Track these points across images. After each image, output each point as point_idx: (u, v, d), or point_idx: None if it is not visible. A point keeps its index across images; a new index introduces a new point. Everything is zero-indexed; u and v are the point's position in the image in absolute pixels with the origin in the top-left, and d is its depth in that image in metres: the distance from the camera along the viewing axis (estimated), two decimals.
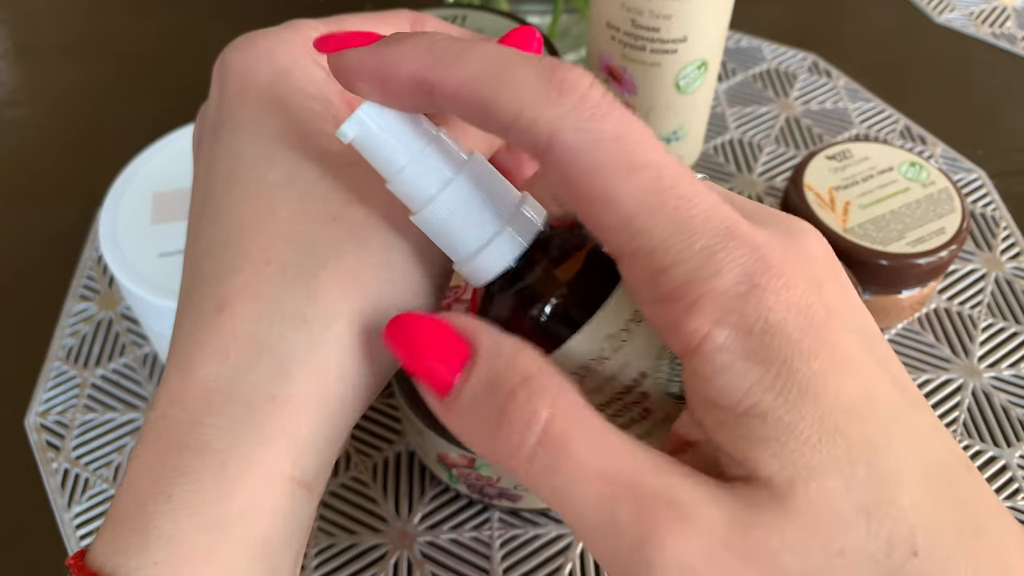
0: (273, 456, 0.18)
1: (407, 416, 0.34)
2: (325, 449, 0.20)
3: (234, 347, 0.19)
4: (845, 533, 0.15)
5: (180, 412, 0.19)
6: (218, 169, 0.21)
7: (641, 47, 0.37)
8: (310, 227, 0.20)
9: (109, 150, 0.46)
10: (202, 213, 0.21)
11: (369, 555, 0.35)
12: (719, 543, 0.15)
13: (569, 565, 0.35)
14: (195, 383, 0.19)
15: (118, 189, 0.38)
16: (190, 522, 0.18)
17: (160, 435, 0.19)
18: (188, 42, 0.60)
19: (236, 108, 0.21)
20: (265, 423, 0.18)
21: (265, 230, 0.20)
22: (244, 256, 0.20)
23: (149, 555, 0.17)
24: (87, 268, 0.46)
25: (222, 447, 0.18)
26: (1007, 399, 0.41)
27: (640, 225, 0.16)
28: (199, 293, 0.20)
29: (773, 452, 0.15)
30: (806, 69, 0.57)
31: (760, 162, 0.51)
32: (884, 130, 0.53)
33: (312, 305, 0.19)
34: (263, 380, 0.19)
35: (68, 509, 0.37)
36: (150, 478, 0.18)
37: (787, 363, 0.15)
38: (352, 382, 0.20)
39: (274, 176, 0.20)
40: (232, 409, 0.18)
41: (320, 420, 0.19)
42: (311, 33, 0.22)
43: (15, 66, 0.59)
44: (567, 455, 0.16)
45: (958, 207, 0.40)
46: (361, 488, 0.37)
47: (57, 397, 0.41)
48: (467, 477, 0.34)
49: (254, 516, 0.18)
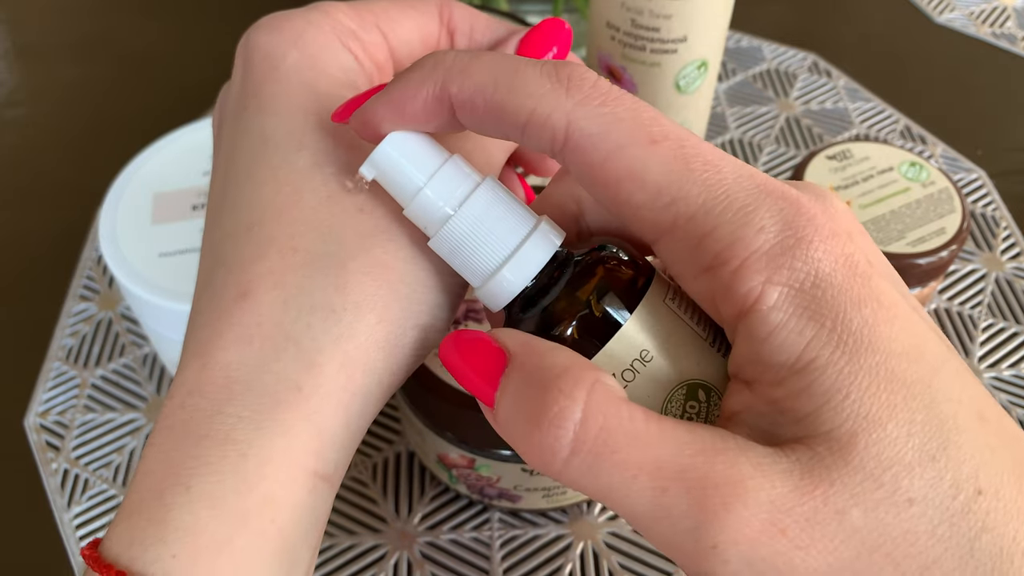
0: (296, 448, 0.18)
1: (407, 417, 0.34)
2: (347, 443, 0.19)
3: (258, 335, 0.18)
4: (912, 480, 0.15)
5: (200, 400, 0.18)
6: (241, 152, 0.20)
7: (641, 47, 0.37)
8: (338, 216, 0.19)
9: (109, 150, 0.46)
10: (223, 196, 0.20)
11: (369, 555, 0.35)
12: (781, 511, 0.15)
13: (569, 565, 0.35)
14: (216, 371, 0.18)
15: (118, 189, 0.38)
16: (209, 514, 0.17)
17: (178, 424, 0.18)
18: (189, 42, 0.60)
19: (262, 90, 0.21)
20: (288, 414, 0.18)
21: (291, 216, 0.19)
22: (269, 242, 0.19)
23: (167, 547, 0.17)
24: (87, 268, 0.46)
25: (243, 437, 0.18)
26: (1007, 399, 0.41)
27: (674, 194, 0.16)
28: (220, 279, 0.19)
29: (834, 405, 0.15)
30: (806, 69, 0.57)
31: (760, 162, 0.51)
32: (884, 130, 0.53)
33: (341, 295, 0.19)
34: (288, 370, 0.18)
35: (68, 509, 0.37)
36: (168, 468, 0.18)
37: (841, 314, 0.15)
38: (378, 376, 0.19)
39: (301, 161, 0.20)
40: (254, 398, 0.18)
41: (344, 413, 0.19)
42: (339, 16, 0.22)
43: (15, 66, 0.59)
44: (608, 453, 0.15)
45: (958, 207, 0.40)
46: (361, 488, 0.37)
47: (57, 397, 0.41)
48: (467, 477, 0.34)
49: (274, 509, 0.18)
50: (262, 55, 0.21)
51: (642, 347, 0.18)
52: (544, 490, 0.34)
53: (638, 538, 0.36)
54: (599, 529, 0.36)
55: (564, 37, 0.23)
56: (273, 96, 0.20)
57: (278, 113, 0.20)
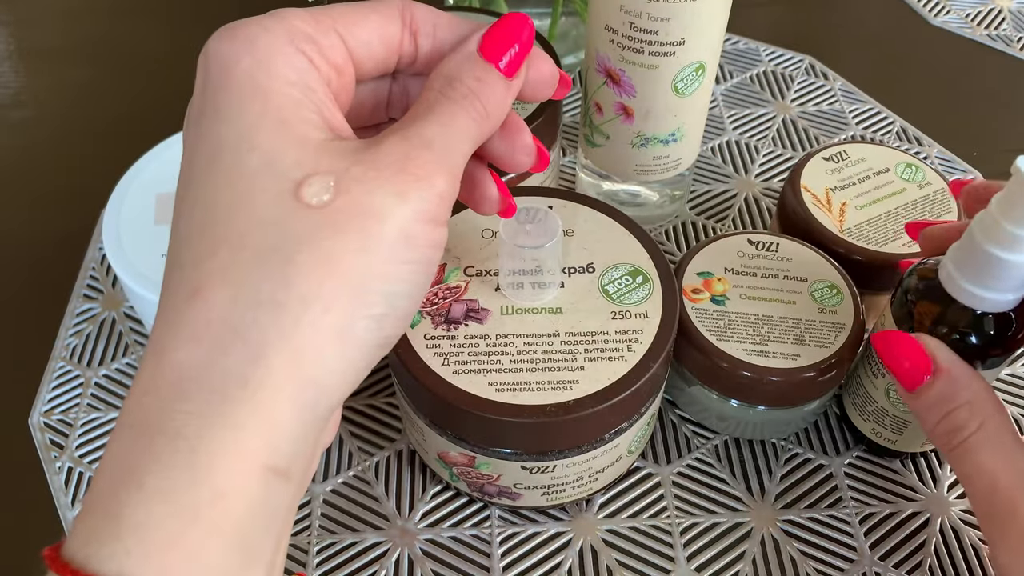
0: (244, 442, 0.18)
1: (408, 415, 0.35)
2: (302, 435, 0.19)
3: (207, 332, 0.19)
4: None
5: (153, 399, 0.19)
6: (198, 157, 0.21)
7: (639, 50, 0.37)
8: (287, 213, 0.19)
9: (113, 151, 0.46)
10: (183, 201, 0.21)
11: (370, 552, 0.36)
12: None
13: (568, 562, 0.35)
14: (168, 369, 0.19)
15: (121, 190, 0.38)
16: (162, 509, 0.17)
17: (133, 422, 0.19)
18: (192, 45, 0.60)
19: (217, 96, 0.21)
20: (236, 409, 0.18)
21: (242, 216, 0.20)
22: (220, 241, 0.19)
23: (120, 543, 0.17)
24: (91, 268, 0.46)
25: (192, 433, 0.18)
26: (1003, 398, 0.41)
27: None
28: (175, 279, 0.20)
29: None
30: (803, 71, 0.58)
31: (757, 163, 0.51)
32: (880, 131, 0.54)
33: (286, 288, 0.19)
34: (235, 365, 0.18)
35: (72, 508, 0.37)
36: (123, 466, 0.18)
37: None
38: (330, 367, 0.19)
39: (252, 162, 0.20)
40: (203, 395, 0.18)
41: (295, 405, 0.19)
42: (295, 21, 0.22)
43: (19, 68, 0.59)
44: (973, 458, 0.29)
45: (954, 208, 0.41)
46: (362, 486, 0.38)
47: (61, 396, 0.41)
48: (467, 475, 0.34)
49: (225, 503, 0.18)
50: (217, 63, 0.21)
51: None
52: (543, 488, 0.34)
53: (637, 535, 0.36)
54: (598, 526, 0.36)
55: (526, 32, 0.23)
56: (228, 103, 0.21)
57: (230, 119, 0.21)
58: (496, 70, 0.23)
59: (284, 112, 0.21)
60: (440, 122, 0.22)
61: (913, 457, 0.38)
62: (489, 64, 0.23)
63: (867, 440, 0.38)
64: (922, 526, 0.36)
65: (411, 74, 0.26)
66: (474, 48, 0.23)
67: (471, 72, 0.23)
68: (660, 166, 0.43)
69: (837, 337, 0.35)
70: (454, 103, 0.22)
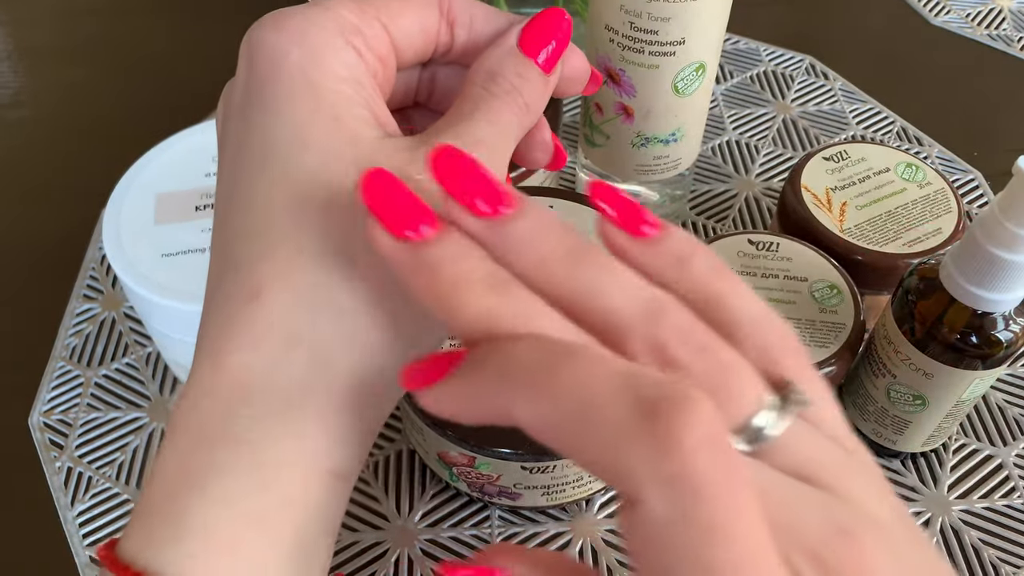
0: (309, 448, 0.18)
1: (408, 415, 0.34)
2: (361, 440, 0.19)
3: (268, 336, 0.18)
4: None
5: (213, 403, 0.18)
6: (248, 151, 0.20)
7: (640, 49, 0.37)
8: (344, 216, 0.19)
9: (113, 151, 0.46)
10: (231, 196, 0.20)
11: (370, 552, 0.36)
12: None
13: None
14: (228, 373, 0.18)
15: (121, 190, 0.38)
16: (225, 514, 0.17)
17: (192, 426, 0.18)
18: (192, 44, 0.60)
19: (265, 89, 0.20)
20: (301, 415, 0.18)
21: (298, 217, 0.19)
22: (278, 243, 0.19)
23: (183, 547, 0.17)
24: (91, 268, 0.46)
25: (257, 439, 0.18)
26: (1003, 398, 0.41)
27: None
28: (230, 280, 0.19)
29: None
30: (803, 71, 0.58)
31: (757, 163, 0.51)
32: (881, 131, 0.54)
33: (348, 294, 0.19)
34: (298, 370, 0.18)
35: (71, 507, 0.37)
36: (182, 470, 0.18)
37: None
38: (388, 374, 0.19)
39: (308, 162, 0.20)
40: (267, 400, 0.18)
41: (356, 412, 0.19)
42: (341, 11, 0.21)
43: (18, 67, 0.59)
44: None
45: (954, 208, 0.41)
46: (362, 486, 0.38)
47: (61, 396, 0.41)
48: (467, 475, 0.34)
49: (291, 509, 0.18)
50: (265, 54, 0.21)
51: None
52: (543, 488, 0.34)
53: None
54: (598, 526, 0.36)
55: (564, 28, 0.23)
56: (276, 96, 0.20)
57: (281, 114, 0.20)
58: (536, 65, 0.23)
59: (337, 109, 0.20)
60: (488, 119, 0.21)
61: (913, 457, 0.38)
62: (529, 59, 0.23)
63: (867, 440, 0.37)
64: (922, 526, 0.36)
65: (443, 63, 0.25)
66: (514, 42, 0.23)
67: (512, 67, 0.22)
68: (660, 166, 0.43)
69: (837, 337, 0.35)
70: (498, 99, 0.22)
